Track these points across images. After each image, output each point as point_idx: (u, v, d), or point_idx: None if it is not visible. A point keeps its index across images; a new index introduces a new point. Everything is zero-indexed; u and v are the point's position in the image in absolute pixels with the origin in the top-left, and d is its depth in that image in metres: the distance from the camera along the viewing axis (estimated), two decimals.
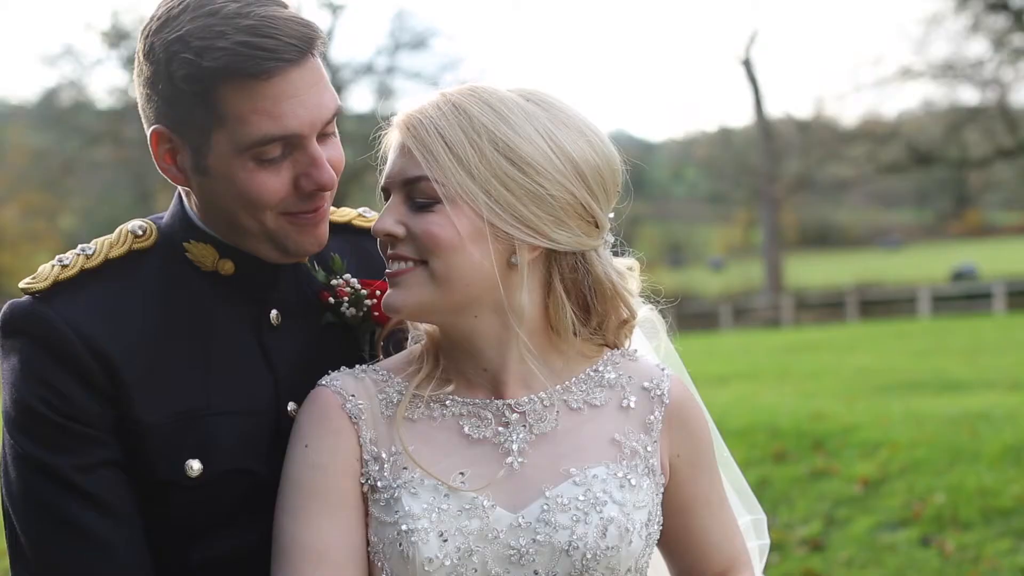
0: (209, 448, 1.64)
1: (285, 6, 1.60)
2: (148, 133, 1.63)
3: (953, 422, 7.80)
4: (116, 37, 33.94)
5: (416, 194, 1.57)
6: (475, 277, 1.56)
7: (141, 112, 1.65)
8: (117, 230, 1.71)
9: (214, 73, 1.52)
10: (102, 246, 1.68)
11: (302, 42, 1.57)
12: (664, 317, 1.84)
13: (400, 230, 1.57)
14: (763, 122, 37.29)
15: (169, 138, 1.61)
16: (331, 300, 1.79)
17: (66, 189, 34.88)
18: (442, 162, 1.54)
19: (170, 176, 1.65)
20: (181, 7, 1.55)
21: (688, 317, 31.72)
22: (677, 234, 65.99)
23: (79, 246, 1.69)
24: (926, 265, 45.10)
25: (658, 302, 1.82)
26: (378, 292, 1.76)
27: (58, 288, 1.62)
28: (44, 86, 44.93)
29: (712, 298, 39.78)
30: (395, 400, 1.65)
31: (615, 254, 1.72)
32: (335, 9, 35.58)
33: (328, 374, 1.69)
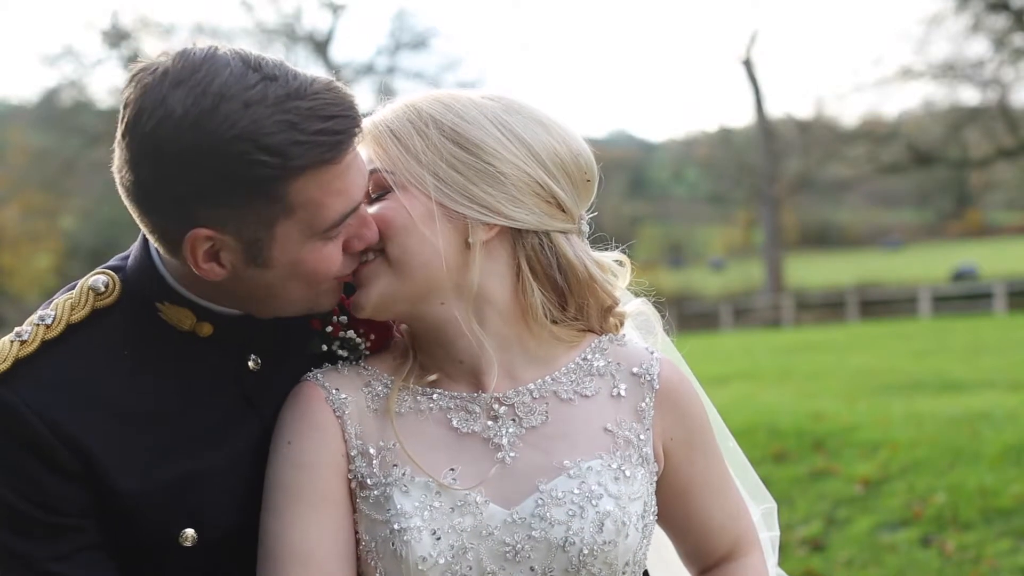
0: (203, 516, 1.59)
1: (304, 73, 1.48)
2: (170, 236, 1.48)
3: (953, 422, 7.79)
4: (116, 37, 34.00)
5: (372, 189, 1.58)
6: (431, 259, 1.55)
7: (148, 213, 1.48)
8: (77, 287, 1.60)
9: (296, 170, 1.42)
10: (62, 311, 1.57)
11: (355, 109, 1.49)
12: (663, 315, 1.82)
13: None
14: (763, 122, 37.27)
15: (211, 239, 1.47)
16: (327, 330, 1.72)
17: (66, 189, 34.90)
18: (390, 152, 1.58)
19: (209, 275, 1.51)
20: (207, 97, 1.39)
21: (688, 317, 31.71)
22: (677, 234, 66.02)
23: (38, 314, 1.57)
24: (926, 265, 45.07)
25: (660, 305, 1.81)
26: (372, 336, 1.71)
27: (18, 368, 1.51)
28: (44, 86, 44.93)
29: (712, 298, 39.79)
30: (381, 394, 1.64)
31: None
32: (336, 9, 35.61)
33: (311, 370, 1.67)
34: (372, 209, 1.57)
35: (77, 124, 34.05)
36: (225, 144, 1.38)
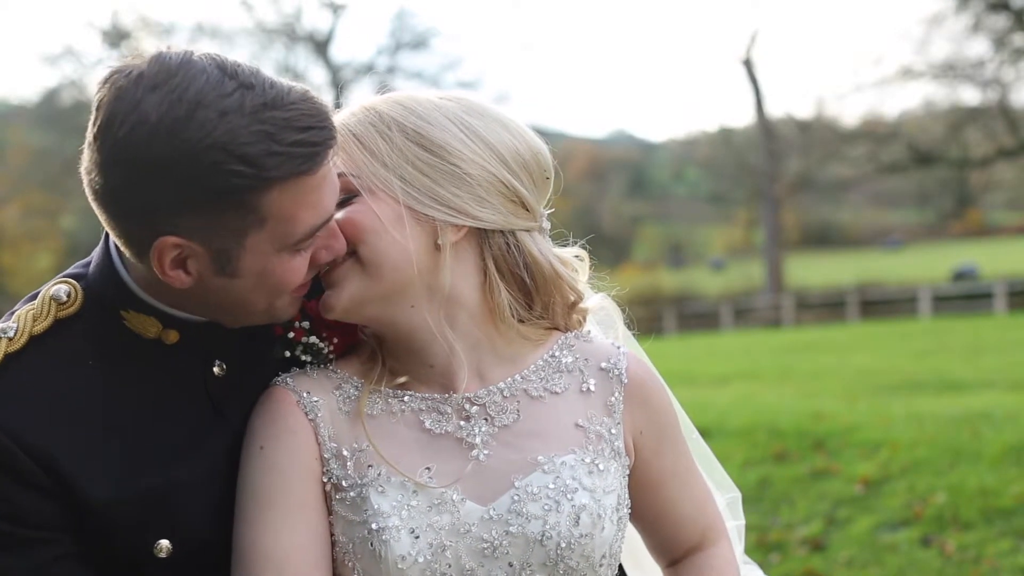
0: (178, 526, 1.56)
1: (281, 81, 1.45)
2: (137, 242, 1.45)
3: (954, 422, 7.79)
4: (116, 37, 34.03)
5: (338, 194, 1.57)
6: (401, 261, 1.55)
7: (116, 218, 1.45)
8: (39, 297, 1.57)
9: (270, 181, 1.39)
10: (24, 323, 1.53)
11: (331, 120, 1.46)
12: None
13: None
14: (764, 122, 37.27)
15: (179, 246, 1.44)
16: (289, 336, 1.70)
17: (67, 189, 34.90)
18: (355, 157, 1.57)
19: (175, 282, 1.48)
20: (182, 104, 1.35)
21: (689, 317, 31.68)
22: (678, 234, 66.13)
23: None
24: (927, 265, 45.06)
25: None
26: (335, 340, 1.70)
27: None
28: (45, 86, 45.03)
29: (713, 298, 39.75)
30: (353, 396, 1.64)
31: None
32: (336, 9, 35.61)
33: (279, 375, 1.67)
34: (339, 214, 1.55)
35: (77, 124, 33.87)
36: (199, 153, 1.35)
